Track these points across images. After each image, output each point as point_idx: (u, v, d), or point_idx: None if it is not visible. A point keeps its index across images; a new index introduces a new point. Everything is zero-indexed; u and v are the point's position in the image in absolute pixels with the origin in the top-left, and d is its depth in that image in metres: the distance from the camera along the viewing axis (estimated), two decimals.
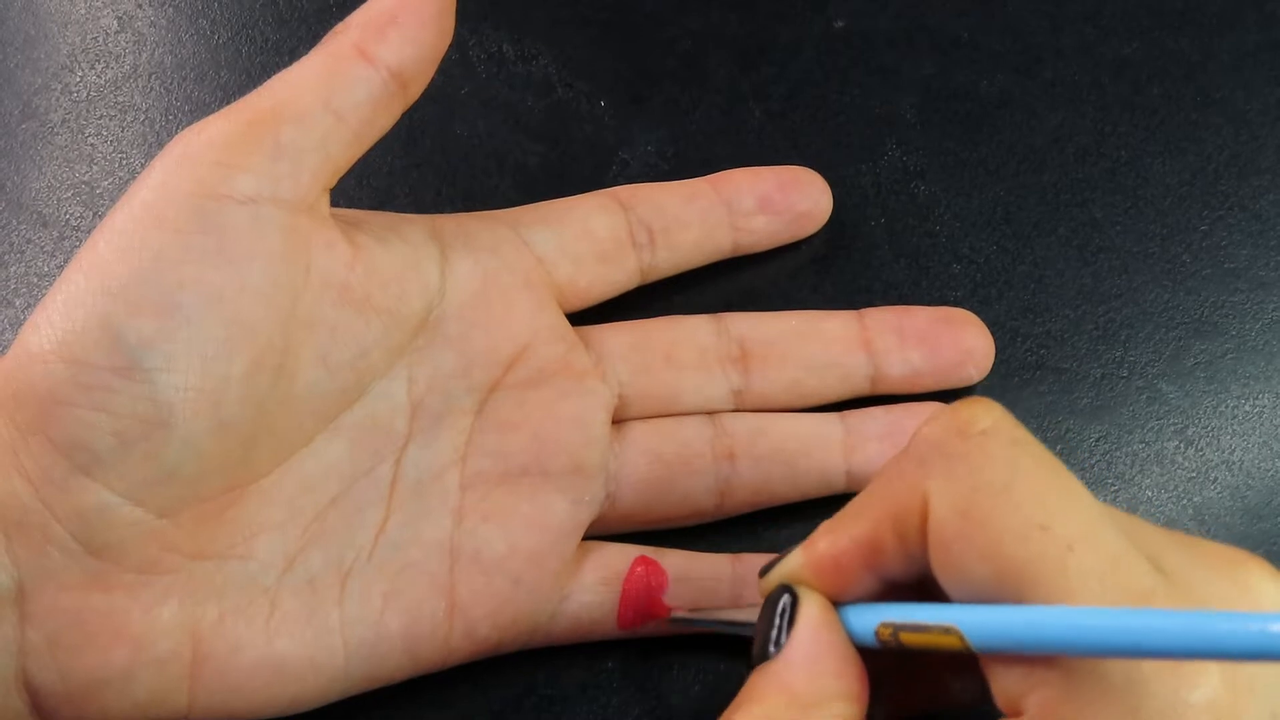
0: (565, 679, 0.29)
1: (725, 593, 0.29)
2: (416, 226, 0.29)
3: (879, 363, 0.31)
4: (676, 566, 0.29)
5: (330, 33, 0.26)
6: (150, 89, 0.36)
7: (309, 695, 0.26)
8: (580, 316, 0.31)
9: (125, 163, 0.35)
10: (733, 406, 0.30)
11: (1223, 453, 0.32)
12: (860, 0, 0.37)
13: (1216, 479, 0.32)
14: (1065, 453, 0.32)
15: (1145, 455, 0.32)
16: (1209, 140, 0.35)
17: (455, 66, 0.36)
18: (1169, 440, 0.32)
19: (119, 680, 0.24)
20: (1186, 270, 0.34)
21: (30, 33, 0.36)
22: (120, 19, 0.37)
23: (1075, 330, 0.33)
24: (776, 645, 0.23)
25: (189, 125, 0.26)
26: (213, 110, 0.26)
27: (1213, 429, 0.32)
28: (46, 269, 0.34)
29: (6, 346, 0.32)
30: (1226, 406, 0.33)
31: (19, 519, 0.23)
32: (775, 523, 0.31)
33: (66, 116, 0.35)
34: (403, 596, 0.27)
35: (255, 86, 0.26)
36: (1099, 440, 0.32)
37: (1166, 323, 0.33)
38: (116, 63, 0.36)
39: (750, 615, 0.25)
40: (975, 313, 0.33)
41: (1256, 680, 0.20)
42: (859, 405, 0.31)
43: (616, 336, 0.30)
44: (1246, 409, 0.33)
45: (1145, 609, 0.19)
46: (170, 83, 0.36)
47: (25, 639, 0.24)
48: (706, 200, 0.31)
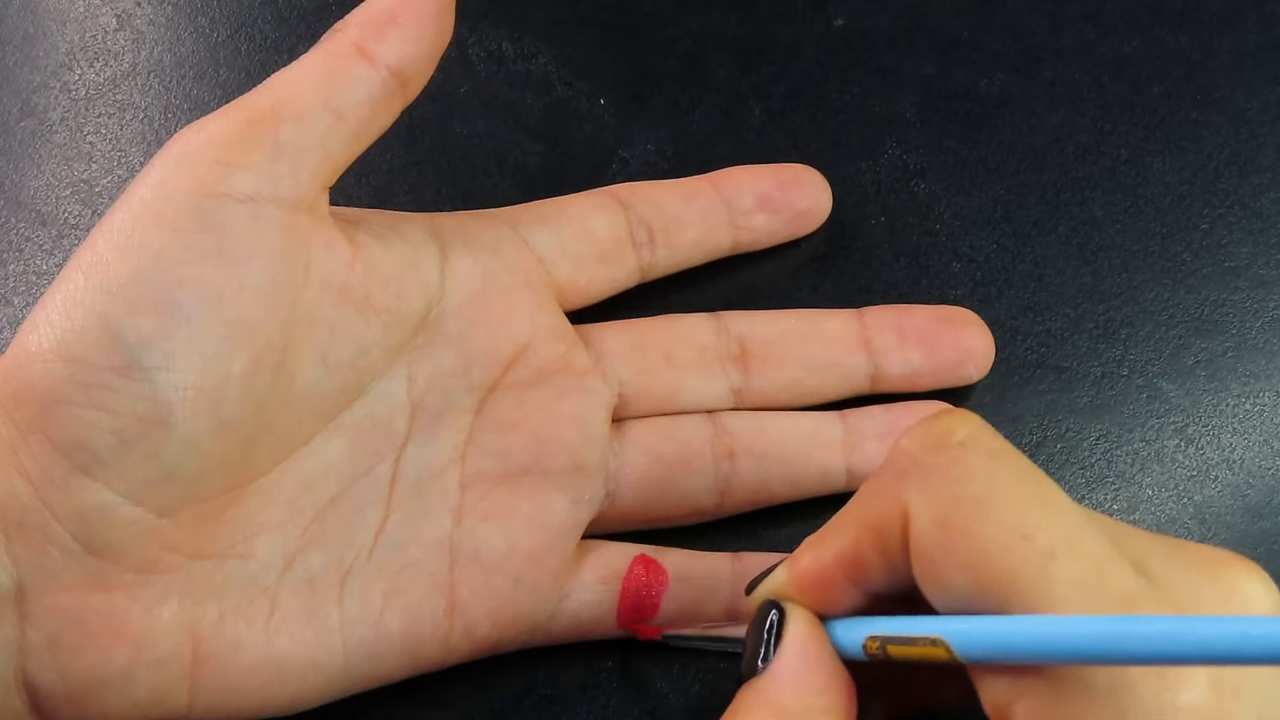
0: (565, 679, 0.29)
1: (725, 592, 0.28)
2: (416, 225, 0.29)
3: (879, 362, 0.31)
4: (676, 565, 0.29)
5: (329, 31, 0.26)
6: (149, 87, 0.36)
7: (309, 694, 0.26)
8: (580, 315, 0.31)
9: (124, 161, 0.35)
10: (732, 405, 0.30)
11: (1223, 451, 0.32)
12: (860, 0, 0.37)
13: (1217, 477, 0.32)
14: (1065, 451, 0.32)
15: (1146, 454, 0.32)
16: (1209, 139, 0.35)
17: (455, 65, 0.36)
18: (1169, 439, 0.32)
19: (119, 680, 0.24)
20: (1187, 269, 0.34)
21: (29, 30, 0.36)
22: (119, 17, 0.37)
23: (1075, 329, 0.33)
24: (764, 661, 0.23)
25: (188, 123, 0.25)
26: (212, 108, 0.26)
27: (1213, 427, 0.32)
28: (45, 267, 0.34)
29: (5, 345, 0.32)
30: (1227, 405, 0.33)
31: (19, 518, 0.23)
32: (775, 522, 0.31)
33: (65, 114, 0.35)
34: (402, 596, 0.27)
35: (254, 84, 0.26)
36: (1099, 439, 0.32)
37: (1167, 321, 0.33)
38: (115, 60, 0.36)
39: (741, 631, 0.25)
40: (975, 311, 0.33)
41: (1243, 684, 0.20)
42: (859, 404, 0.31)
43: (616, 335, 0.30)
44: (1247, 407, 0.33)
45: (1129, 615, 0.19)
46: (169, 81, 0.36)
47: (25, 639, 0.24)
48: (706, 199, 0.31)
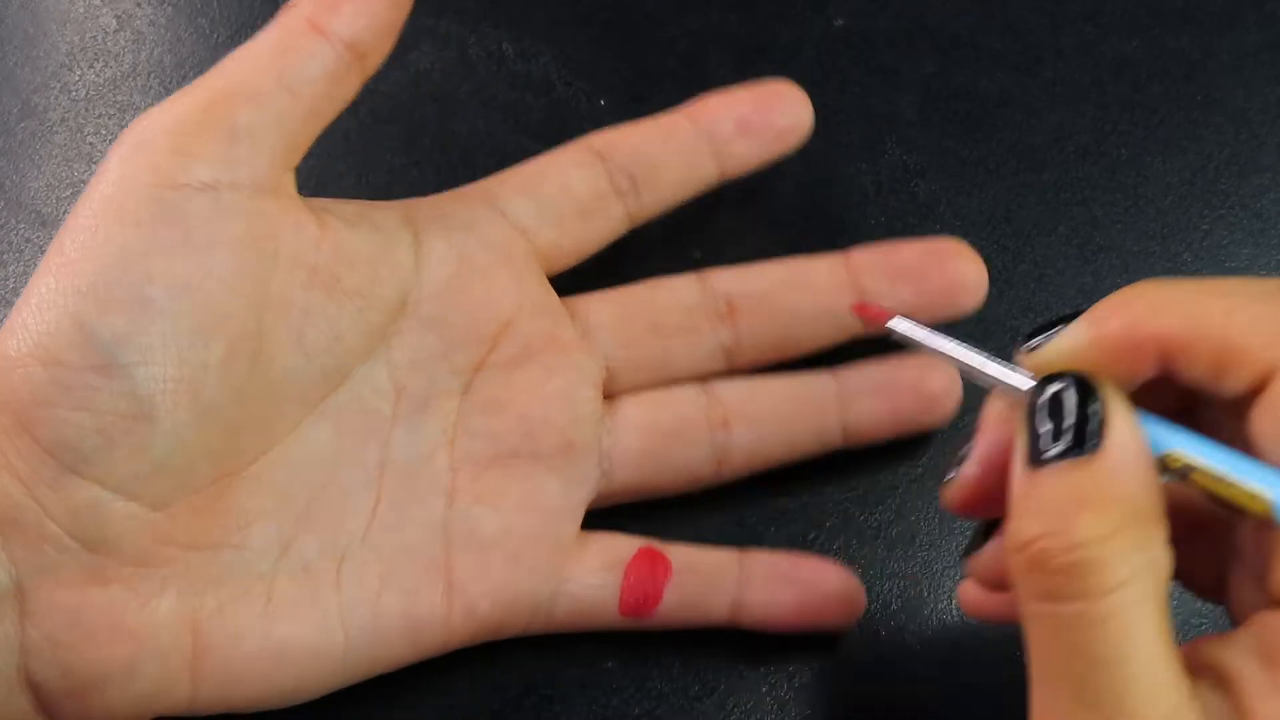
0: (565, 679, 0.29)
1: (730, 586, 0.28)
2: (389, 212, 0.29)
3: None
4: (681, 559, 0.29)
5: (283, 7, 0.26)
6: (149, 88, 0.36)
7: (312, 681, 0.26)
8: (571, 272, 0.30)
9: None
10: (725, 364, 0.30)
11: None
12: (860, 0, 0.37)
13: None
14: None
15: None
16: (1209, 139, 0.35)
17: (455, 65, 0.36)
18: None
19: (121, 674, 0.24)
20: (1187, 269, 0.34)
21: (29, 31, 0.36)
22: (119, 17, 0.37)
23: None
24: (1083, 444, 0.19)
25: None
26: None
27: None
28: None
29: None
30: None
31: (13, 518, 0.23)
32: (774, 521, 0.31)
33: (65, 115, 0.35)
34: (399, 578, 0.27)
35: None
36: None
37: None
38: (115, 61, 0.36)
39: (996, 370, 0.22)
40: (976, 312, 0.33)
41: None
42: (851, 354, 0.30)
43: (601, 307, 0.30)
44: None
45: None
46: (169, 82, 0.36)
47: (26, 636, 0.24)
48: (684, 134, 0.30)
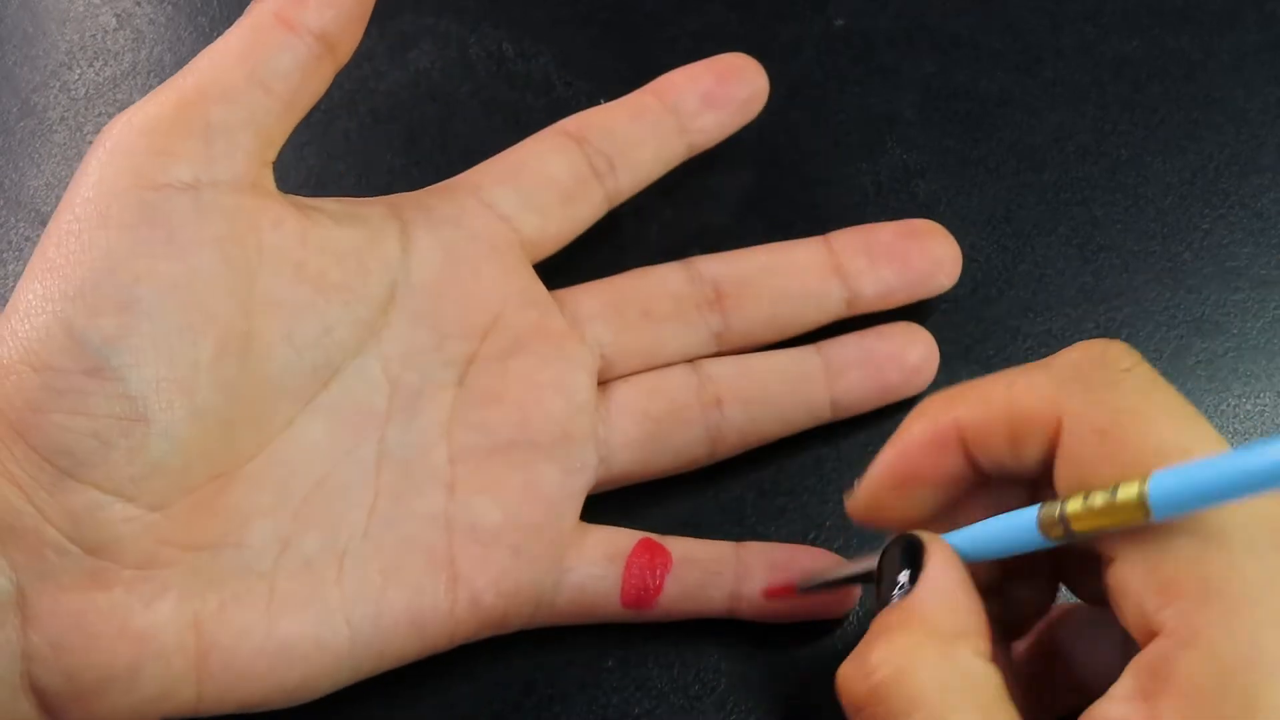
0: (565, 679, 0.29)
1: (728, 577, 0.28)
2: (375, 207, 0.29)
3: (853, 285, 0.31)
4: (681, 551, 0.29)
5: (251, 3, 0.26)
6: (149, 87, 0.35)
7: (317, 678, 0.26)
8: (567, 271, 0.31)
9: None
10: (715, 350, 0.31)
11: None
12: (860, 0, 0.37)
13: None
14: None
15: None
16: (1209, 139, 0.36)
17: (455, 66, 0.36)
18: None
19: (125, 677, 0.24)
20: (1187, 269, 0.34)
21: (28, 30, 0.36)
22: (119, 16, 0.37)
23: (1076, 329, 0.33)
24: (906, 586, 0.24)
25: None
26: None
27: (1214, 427, 0.32)
28: None
29: None
30: (1228, 405, 0.33)
31: (12, 524, 0.23)
32: (774, 521, 0.31)
33: (65, 114, 0.35)
34: (402, 571, 0.27)
35: None
36: None
37: (1167, 321, 0.33)
38: (115, 60, 0.36)
39: (865, 565, 0.26)
40: (976, 312, 0.33)
41: None
42: (835, 330, 0.31)
43: (590, 297, 0.30)
44: (1248, 408, 0.33)
45: None
46: None
47: (28, 642, 0.24)
48: (653, 112, 0.31)
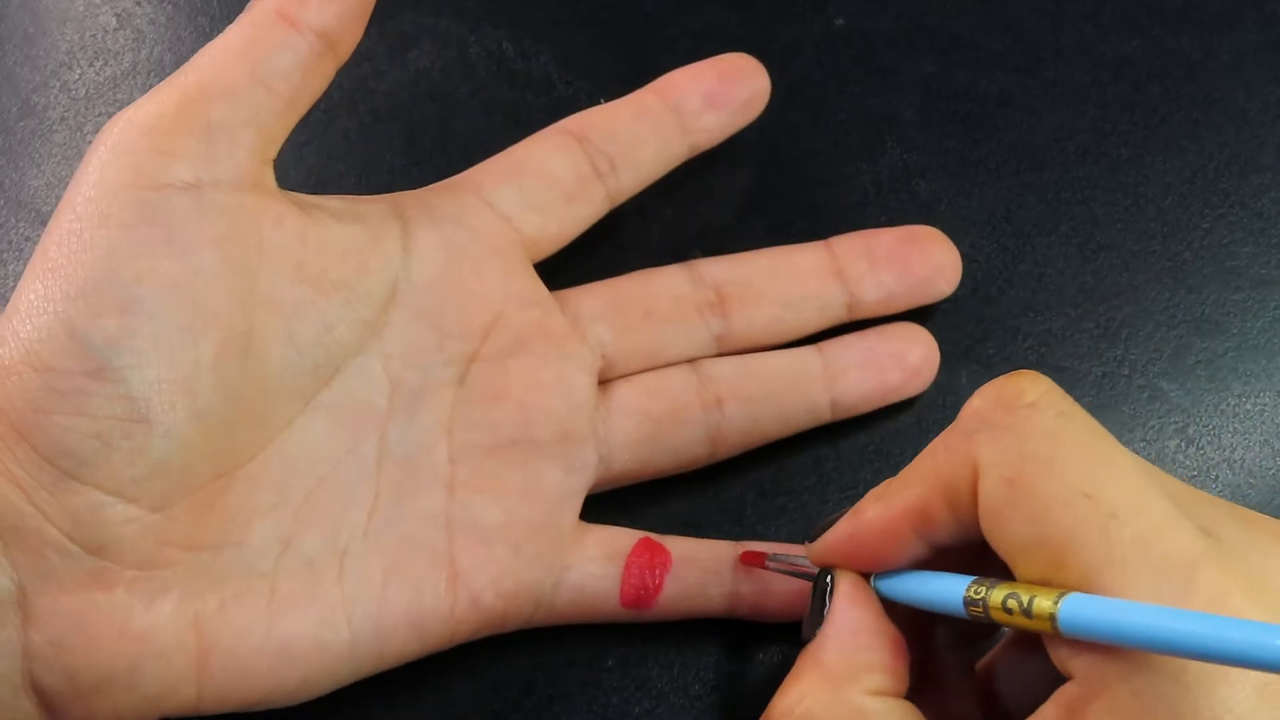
0: (565, 679, 0.29)
1: (728, 576, 0.29)
2: (376, 205, 0.29)
3: (853, 289, 0.31)
4: (680, 550, 0.29)
5: (251, 0, 0.26)
6: (149, 87, 0.35)
7: (317, 678, 0.26)
8: (567, 272, 0.31)
9: None
10: (716, 351, 0.31)
11: (1224, 451, 0.32)
12: (860, 0, 0.37)
13: (1218, 477, 0.32)
14: None
15: (1146, 453, 0.32)
16: (1210, 139, 0.36)
17: (455, 65, 0.36)
18: (1170, 439, 0.32)
19: (126, 677, 0.24)
20: (1187, 268, 0.34)
21: (29, 30, 0.36)
22: (119, 16, 0.37)
23: (1076, 328, 0.33)
24: (817, 626, 0.25)
25: None
26: None
27: (1214, 427, 0.32)
28: None
29: None
30: (1228, 405, 0.33)
31: (13, 524, 0.23)
32: (774, 521, 0.31)
33: (65, 114, 0.35)
34: (403, 570, 0.27)
35: None
36: None
37: (1167, 321, 0.33)
38: (115, 60, 0.36)
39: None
40: (976, 312, 0.33)
41: None
42: (836, 334, 0.31)
43: (592, 297, 0.30)
44: (1248, 407, 0.33)
45: (1244, 620, 0.19)
46: None
47: (29, 642, 0.24)
48: (655, 112, 0.31)
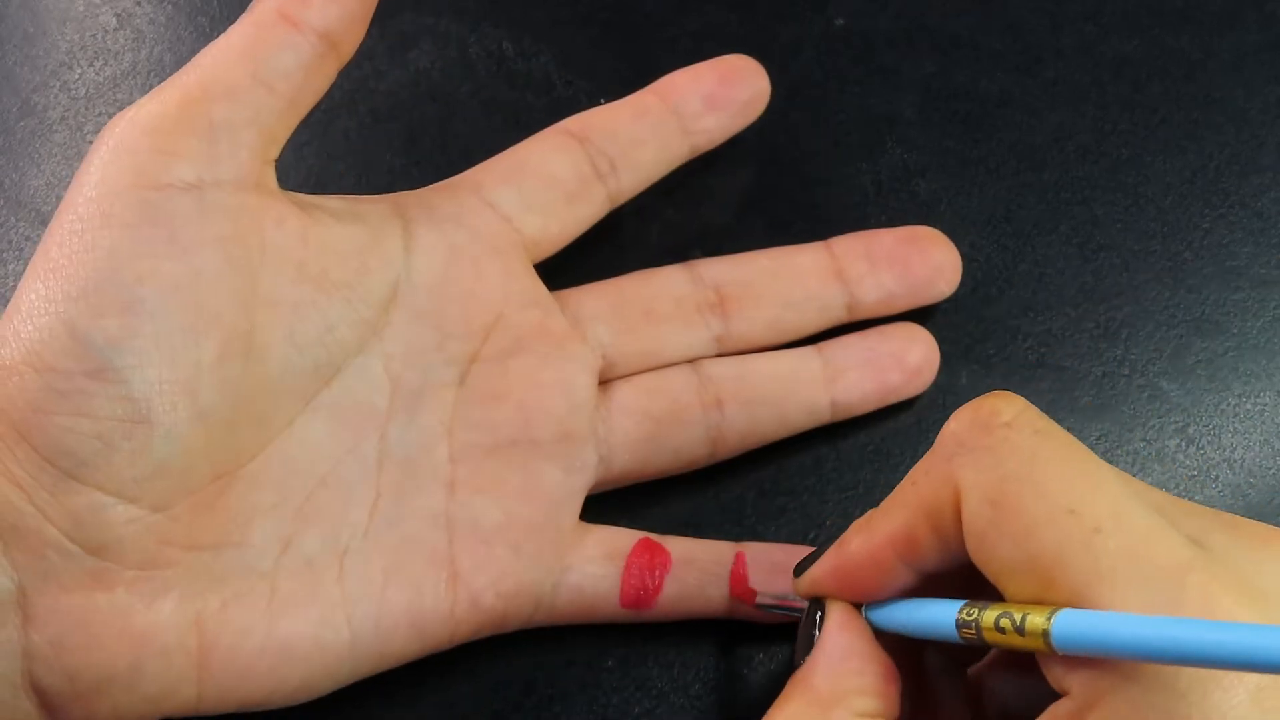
0: (565, 679, 0.29)
1: (727, 577, 0.28)
2: (377, 205, 0.29)
3: (853, 290, 0.31)
4: (680, 551, 0.29)
5: (254, 1, 0.26)
6: (149, 86, 0.36)
7: (318, 677, 0.26)
8: (566, 272, 0.31)
9: None
10: (716, 352, 0.31)
11: (1224, 451, 0.32)
12: (860, 0, 0.37)
13: (1218, 477, 0.32)
14: None
15: (1146, 453, 0.32)
16: (1210, 139, 0.36)
17: (455, 65, 0.36)
18: (1170, 439, 0.32)
19: (126, 677, 0.24)
20: (1188, 268, 0.34)
21: (29, 30, 0.36)
22: (119, 16, 0.37)
23: (1076, 328, 0.33)
24: (808, 653, 0.25)
25: None
26: None
27: (1214, 427, 0.32)
28: None
29: None
30: (1228, 405, 0.33)
31: (14, 524, 0.23)
32: (774, 521, 0.31)
33: (65, 114, 0.35)
34: (403, 570, 0.27)
35: None
36: (1100, 438, 0.32)
37: (1168, 321, 0.33)
38: (115, 60, 0.36)
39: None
40: (976, 312, 0.33)
41: None
42: (836, 334, 0.31)
43: (593, 298, 0.30)
44: (1248, 407, 0.33)
45: (1236, 623, 0.19)
46: None
47: (29, 642, 0.24)
48: (656, 113, 0.31)
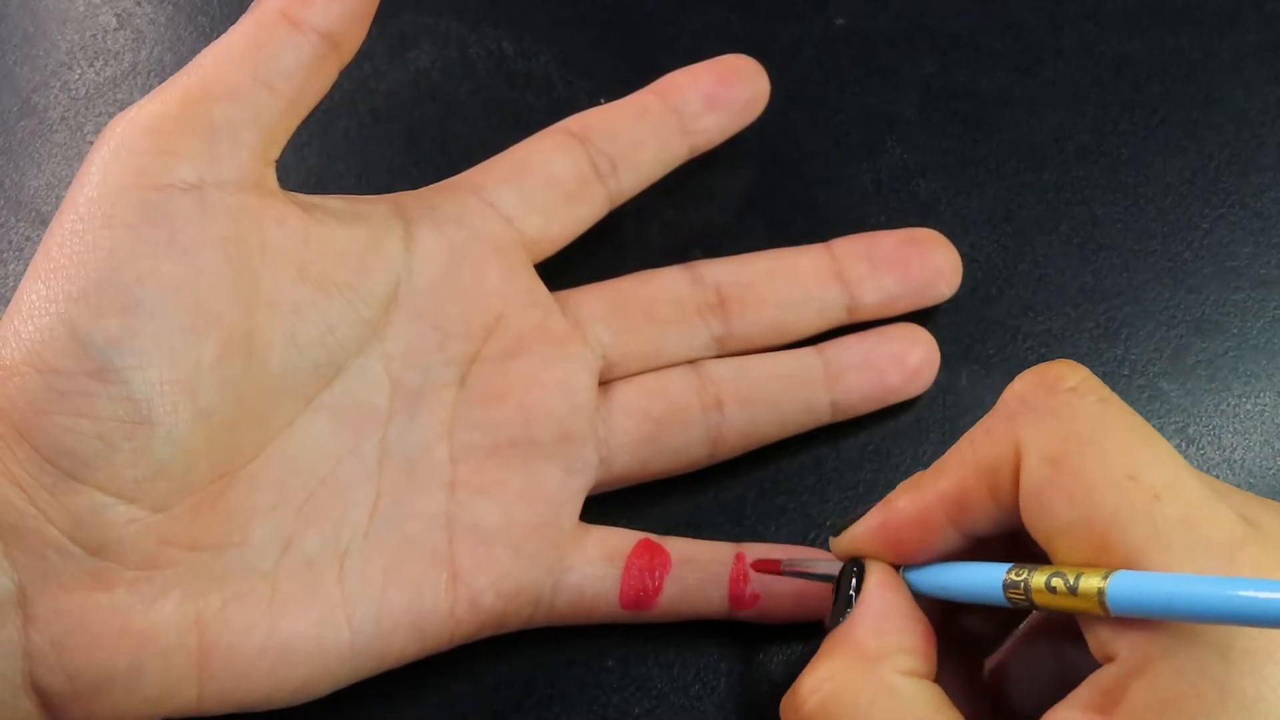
0: (565, 679, 0.29)
1: (727, 577, 0.29)
2: (378, 205, 0.29)
3: (854, 291, 0.31)
4: (680, 551, 0.29)
5: (255, 1, 0.26)
6: (149, 87, 0.36)
7: (318, 677, 0.26)
8: (566, 272, 0.31)
9: None
10: (716, 353, 0.31)
11: (1224, 451, 0.32)
12: (860, 0, 0.37)
13: (1218, 477, 0.32)
14: None
15: None
16: (1210, 138, 0.36)
17: (455, 65, 0.36)
18: (1170, 439, 0.32)
19: (126, 677, 0.24)
20: (1187, 268, 0.34)
21: (29, 30, 0.36)
22: (119, 16, 0.37)
23: (1076, 328, 0.33)
24: (848, 609, 0.25)
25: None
26: None
27: (1214, 427, 0.32)
28: None
29: None
30: (1228, 405, 0.33)
31: (14, 524, 0.23)
32: (774, 521, 0.31)
33: (65, 114, 0.35)
34: (403, 570, 0.27)
35: None
36: None
37: (1168, 321, 0.33)
38: (115, 60, 0.36)
39: (834, 566, 0.27)
40: (976, 312, 0.33)
41: None
42: (836, 334, 0.31)
43: (593, 299, 0.30)
44: (1248, 407, 0.33)
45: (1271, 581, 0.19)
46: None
47: (30, 642, 0.24)
48: (656, 113, 0.31)
